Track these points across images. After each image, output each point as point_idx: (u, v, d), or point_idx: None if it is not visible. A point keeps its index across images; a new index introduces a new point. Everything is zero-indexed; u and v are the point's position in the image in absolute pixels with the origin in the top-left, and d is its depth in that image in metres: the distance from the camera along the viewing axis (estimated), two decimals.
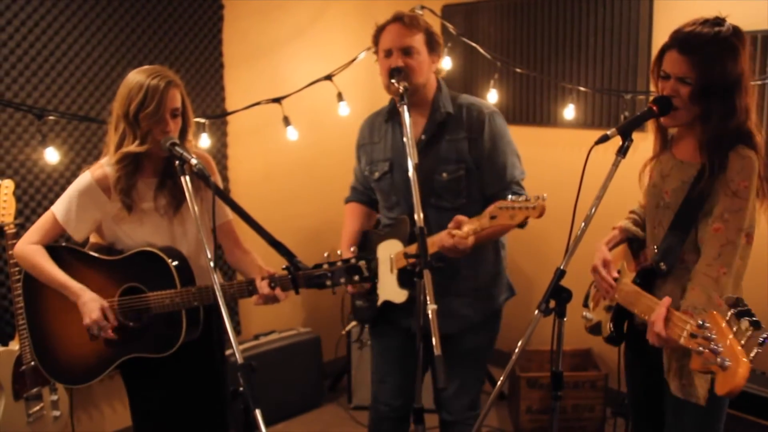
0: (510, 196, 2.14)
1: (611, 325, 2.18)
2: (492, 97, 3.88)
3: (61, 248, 2.36)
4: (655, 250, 2.05)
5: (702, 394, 1.63)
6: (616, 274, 2.16)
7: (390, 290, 2.51)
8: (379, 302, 2.57)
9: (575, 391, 3.62)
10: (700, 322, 1.51)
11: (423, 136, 2.48)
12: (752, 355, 1.43)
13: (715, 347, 1.45)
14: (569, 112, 3.63)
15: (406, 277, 2.46)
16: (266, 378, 3.72)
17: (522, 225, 2.26)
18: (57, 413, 3.07)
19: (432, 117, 2.48)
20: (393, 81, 2.35)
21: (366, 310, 2.66)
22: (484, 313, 2.59)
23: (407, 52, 2.39)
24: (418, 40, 2.41)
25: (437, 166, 2.44)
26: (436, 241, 2.25)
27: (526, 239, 4.27)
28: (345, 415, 3.94)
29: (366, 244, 2.68)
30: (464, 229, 2.17)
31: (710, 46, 1.89)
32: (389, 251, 2.52)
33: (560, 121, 3.83)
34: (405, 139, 2.13)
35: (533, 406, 3.65)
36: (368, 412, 2.86)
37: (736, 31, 1.93)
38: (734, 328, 1.45)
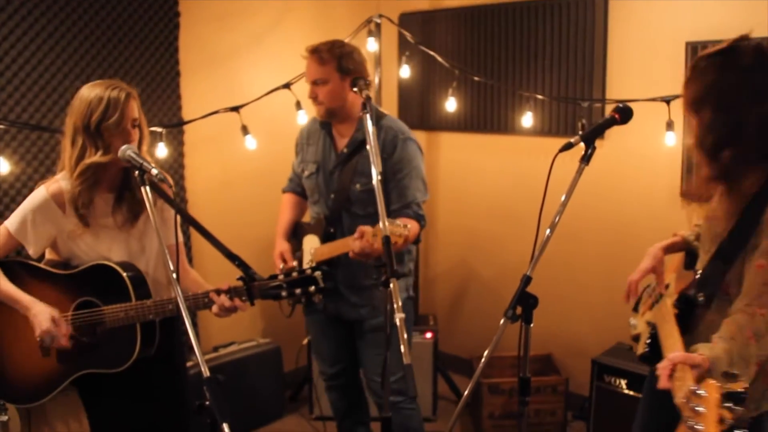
0: (390, 220, 2.34)
1: (647, 344, 2.07)
2: (450, 105, 3.90)
3: (12, 262, 2.31)
4: (696, 278, 1.95)
5: None
6: (666, 283, 2.10)
7: None
8: None
9: (537, 396, 3.65)
10: (694, 389, 1.41)
11: (345, 150, 2.81)
12: None
13: (695, 425, 1.36)
14: (527, 119, 3.68)
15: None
16: (226, 390, 3.65)
17: (415, 242, 2.82)
18: None
19: (355, 134, 2.79)
20: (355, 90, 2.57)
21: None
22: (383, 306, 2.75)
23: (316, 83, 2.74)
24: (329, 71, 2.71)
25: (353, 177, 2.76)
26: (340, 247, 2.64)
27: (484, 245, 4.33)
28: (307, 426, 3.90)
29: (297, 234, 3.03)
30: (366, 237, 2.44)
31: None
32: (311, 244, 2.90)
33: (518, 129, 3.87)
34: (368, 147, 2.19)
35: (495, 412, 3.67)
36: (331, 420, 3.15)
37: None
38: (722, 408, 1.36)
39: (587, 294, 3.88)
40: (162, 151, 3.33)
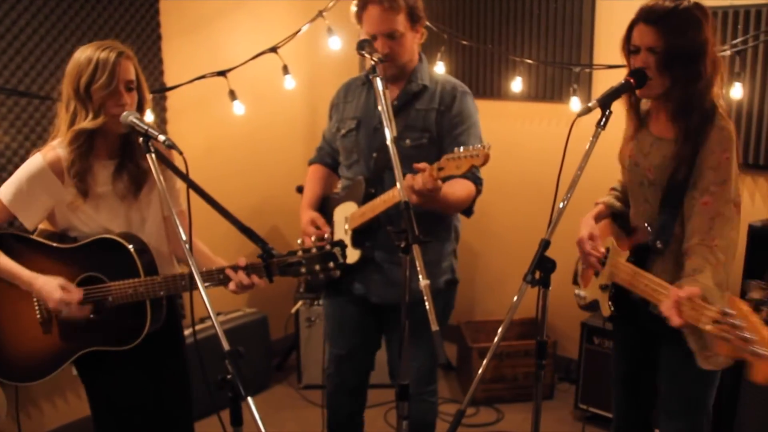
0: (458, 148, 2.14)
1: (611, 305, 2.19)
2: (439, 69, 3.83)
3: (7, 235, 2.19)
4: (648, 229, 2.08)
5: (724, 362, 1.77)
6: (602, 249, 2.20)
7: None
8: None
9: (526, 359, 3.70)
10: (725, 310, 1.51)
11: (396, 103, 2.50)
12: None
13: (745, 335, 1.44)
14: (517, 84, 3.65)
15: (359, 238, 2.53)
16: (214, 361, 3.60)
17: (468, 212, 2.58)
18: None
19: (407, 86, 2.50)
20: (364, 53, 2.27)
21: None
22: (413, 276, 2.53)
23: (391, 36, 2.39)
24: (401, 21, 2.38)
25: (403, 132, 2.47)
26: (388, 200, 2.33)
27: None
28: (296, 395, 3.87)
29: (324, 208, 2.72)
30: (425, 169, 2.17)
31: (673, 16, 1.96)
32: (345, 213, 2.58)
33: (507, 94, 3.85)
34: (380, 108, 2.07)
35: (486, 376, 3.69)
36: (320, 389, 2.88)
37: (697, 5, 1.99)
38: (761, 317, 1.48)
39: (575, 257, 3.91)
40: (149, 117, 3.20)
